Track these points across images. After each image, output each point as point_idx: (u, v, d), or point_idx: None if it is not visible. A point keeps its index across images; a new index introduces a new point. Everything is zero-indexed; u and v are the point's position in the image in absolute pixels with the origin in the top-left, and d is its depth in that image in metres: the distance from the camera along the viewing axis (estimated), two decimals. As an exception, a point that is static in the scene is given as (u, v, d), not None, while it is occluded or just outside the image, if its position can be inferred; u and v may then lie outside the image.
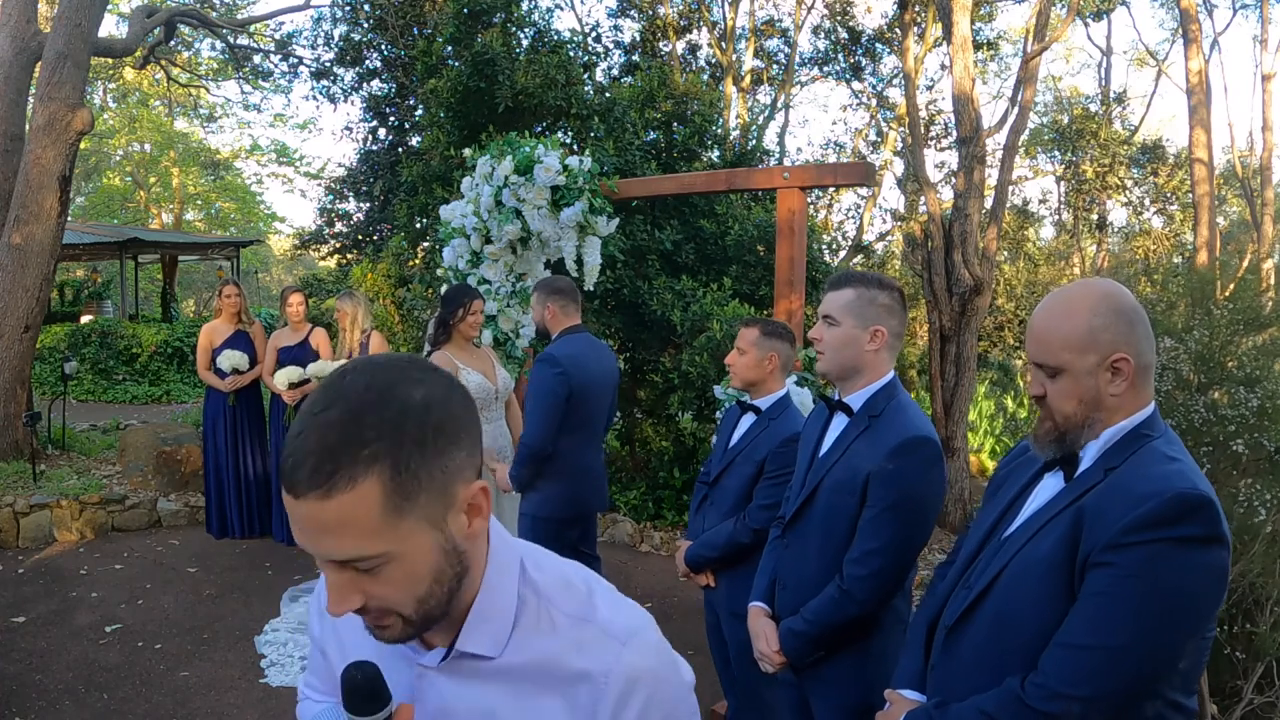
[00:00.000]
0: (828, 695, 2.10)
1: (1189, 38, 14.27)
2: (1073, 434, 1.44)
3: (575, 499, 3.59)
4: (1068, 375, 1.42)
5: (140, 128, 25.04)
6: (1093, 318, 1.40)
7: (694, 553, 2.86)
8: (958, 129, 7.31)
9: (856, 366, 2.07)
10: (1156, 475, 1.32)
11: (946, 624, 1.53)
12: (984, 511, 1.67)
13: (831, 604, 2.01)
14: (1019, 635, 1.39)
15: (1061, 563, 1.35)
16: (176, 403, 12.05)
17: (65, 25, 6.98)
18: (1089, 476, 1.41)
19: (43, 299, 7.00)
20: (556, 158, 4.22)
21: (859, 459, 2.00)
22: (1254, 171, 18.29)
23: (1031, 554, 1.40)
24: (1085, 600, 1.31)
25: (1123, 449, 1.39)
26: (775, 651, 2.12)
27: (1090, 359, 1.40)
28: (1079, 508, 1.37)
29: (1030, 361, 1.49)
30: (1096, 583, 1.29)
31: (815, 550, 2.08)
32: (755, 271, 6.30)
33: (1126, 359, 1.39)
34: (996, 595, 1.44)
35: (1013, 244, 17.14)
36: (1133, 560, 1.26)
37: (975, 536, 1.61)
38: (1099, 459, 1.42)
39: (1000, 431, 10.71)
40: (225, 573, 5.19)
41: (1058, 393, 1.44)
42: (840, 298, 2.07)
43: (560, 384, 3.37)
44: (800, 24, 17.68)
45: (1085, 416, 1.42)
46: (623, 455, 7.15)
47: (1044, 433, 1.47)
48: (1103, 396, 1.41)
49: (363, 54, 12.82)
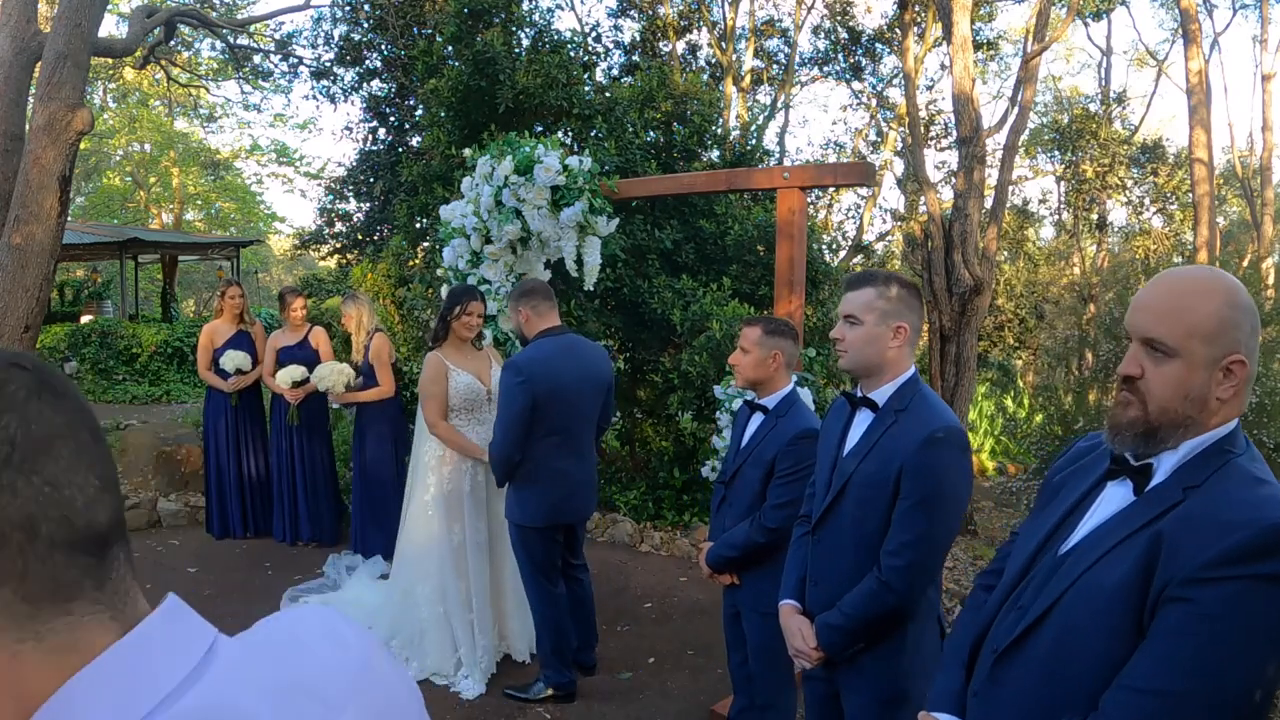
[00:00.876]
0: (862, 687, 2.12)
1: (1189, 38, 14.27)
2: (1164, 431, 1.27)
3: (553, 507, 3.51)
4: (1182, 362, 1.25)
5: (140, 128, 25.03)
6: (1227, 308, 1.24)
7: (716, 553, 2.89)
8: (958, 129, 7.31)
9: (880, 364, 2.10)
10: (1246, 501, 1.18)
11: (995, 648, 1.40)
12: (1035, 519, 1.52)
13: (870, 596, 2.04)
14: (1077, 671, 1.25)
15: (1132, 594, 1.21)
16: (176, 403, 12.04)
17: (65, 25, 6.98)
18: (1164, 494, 1.26)
19: (43, 299, 6.99)
20: (556, 158, 4.22)
21: (890, 453, 2.03)
22: (1254, 171, 18.30)
23: (1098, 580, 1.26)
24: (1157, 639, 1.17)
25: (1203, 465, 1.25)
26: (813, 648, 2.13)
27: (1213, 351, 1.24)
28: (1156, 532, 1.22)
29: (1135, 335, 1.30)
30: (1171, 620, 1.16)
31: (849, 545, 2.10)
32: (755, 271, 6.30)
33: (1243, 362, 1.25)
34: (1055, 622, 1.30)
35: (1013, 244, 17.13)
36: (1215, 598, 1.13)
37: (1025, 547, 1.47)
38: (1175, 474, 1.27)
39: (1000, 432, 10.71)
40: (225, 573, 5.19)
41: (1163, 378, 1.26)
42: (861, 297, 2.10)
43: (522, 392, 3.31)
44: (800, 24, 17.69)
45: (1184, 415, 1.26)
46: (623, 455, 7.16)
47: (1127, 421, 1.30)
48: (1209, 397, 1.25)
49: (363, 54, 12.81)
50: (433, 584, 3.87)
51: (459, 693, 3.71)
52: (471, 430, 3.89)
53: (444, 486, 3.87)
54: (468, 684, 3.73)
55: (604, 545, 5.98)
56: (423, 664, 3.84)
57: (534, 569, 3.59)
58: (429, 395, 3.81)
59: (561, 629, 3.66)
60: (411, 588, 3.93)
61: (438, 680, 3.81)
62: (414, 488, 4.01)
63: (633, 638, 4.43)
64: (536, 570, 3.59)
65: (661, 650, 4.26)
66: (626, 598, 4.98)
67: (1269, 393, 4.38)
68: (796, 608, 2.25)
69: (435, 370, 3.82)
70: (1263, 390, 4.41)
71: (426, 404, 3.83)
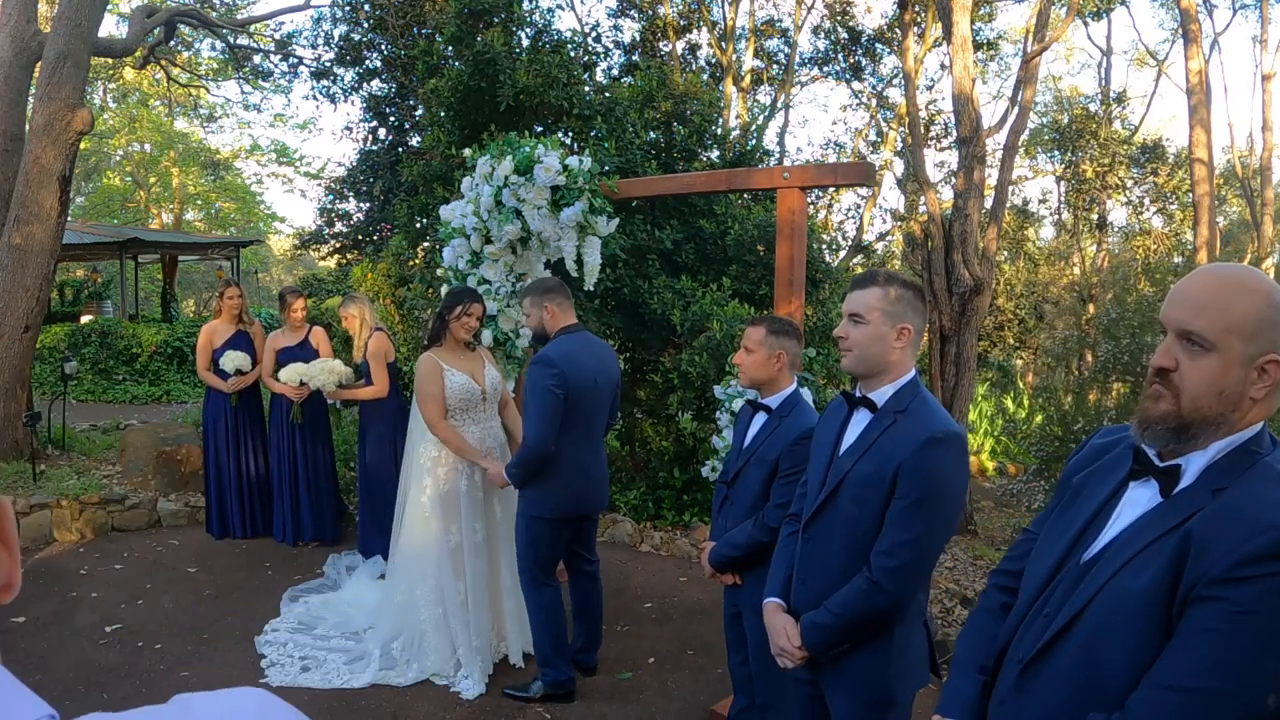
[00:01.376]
0: (847, 689, 2.11)
1: (1189, 38, 14.28)
2: (1195, 427, 1.26)
3: (570, 499, 3.59)
4: (1219, 356, 1.23)
5: (140, 128, 25.03)
6: (1267, 307, 1.22)
7: (718, 553, 2.89)
8: (958, 129, 7.31)
9: (883, 364, 2.09)
10: (1277, 501, 1.17)
11: (1022, 657, 1.39)
12: (1055, 522, 1.50)
13: (860, 596, 2.02)
14: (1108, 678, 1.25)
15: (1161, 597, 1.21)
16: (176, 403, 12.05)
17: (65, 25, 6.98)
18: (1193, 496, 1.25)
19: (43, 299, 7.00)
20: (556, 158, 4.22)
21: (887, 454, 2.02)
22: (1254, 171, 18.30)
23: (1127, 585, 1.25)
24: (1186, 637, 1.17)
25: (1231, 467, 1.24)
26: (797, 646, 2.12)
27: (1251, 349, 1.22)
28: (1184, 533, 1.21)
29: (1171, 327, 1.28)
30: (1202, 619, 1.15)
31: (839, 545, 2.09)
32: (755, 271, 6.30)
33: (1278, 363, 1.23)
34: (1083, 629, 1.30)
35: (1013, 244, 17.14)
36: (1247, 596, 1.12)
37: (1048, 553, 1.45)
38: (1203, 475, 1.26)
39: (1000, 432, 10.71)
40: (225, 573, 5.19)
41: (1198, 372, 1.24)
42: (867, 297, 2.08)
43: (557, 385, 3.39)
44: (800, 24, 17.69)
45: (1217, 412, 1.24)
46: (623, 455, 7.15)
47: (1158, 415, 1.28)
48: (1243, 395, 1.23)
49: (363, 54, 12.81)
50: (431, 585, 3.87)
51: (459, 693, 3.71)
52: (467, 430, 3.89)
53: (440, 487, 3.87)
54: (467, 684, 3.74)
55: (604, 545, 5.98)
56: (423, 665, 3.84)
57: (535, 564, 3.61)
58: (427, 396, 3.81)
59: (559, 626, 3.66)
60: (411, 589, 3.93)
61: (438, 681, 3.81)
62: (408, 488, 4.01)
63: (633, 638, 4.43)
64: (537, 566, 3.61)
65: (661, 650, 4.26)
66: (626, 598, 4.98)
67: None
68: (781, 606, 2.24)
69: (430, 371, 3.82)
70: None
71: (426, 405, 3.83)
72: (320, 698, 3.65)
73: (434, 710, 3.59)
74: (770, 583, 2.31)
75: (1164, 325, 1.30)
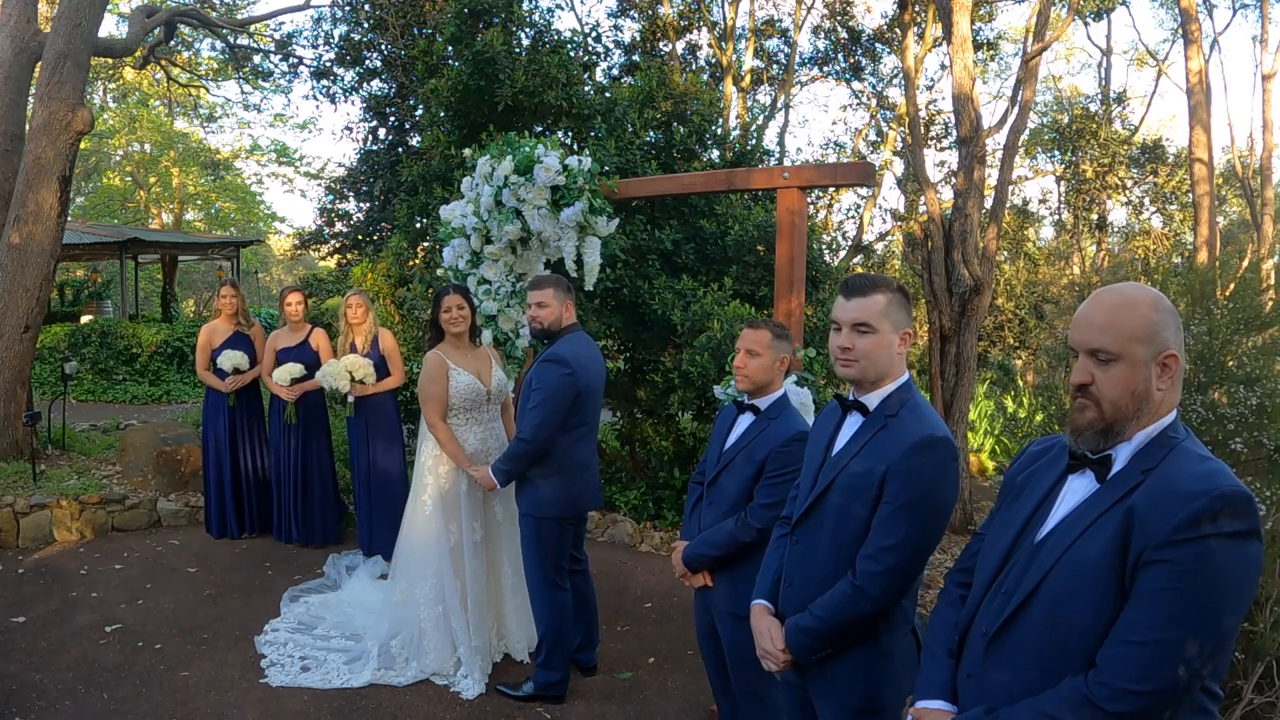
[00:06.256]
0: (833, 695, 2.09)
1: (1189, 38, 14.27)
2: (1119, 425, 1.47)
3: (574, 497, 3.62)
4: (1125, 363, 1.45)
5: (140, 128, 25.03)
6: (1153, 312, 1.46)
7: (693, 551, 2.83)
8: (958, 129, 7.30)
9: (888, 370, 2.07)
10: (1199, 474, 1.38)
11: (986, 632, 1.55)
12: (1002, 516, 1.68)
13: (844, 600, 2.00)
14: (1075, 637, 1.42)
15: (1113, 563, 1.40)
16: (176, 403, 12.05)
17: (65, 25, 6.98)
18: (1127, 477, 1.46)
19: (43, 299, 7.00)
20: (556, 158, 4.22)
21: (876, 457, 2.00)
22: (1254, 171, 18.28)
23: (1080, 555, 1.44)
24: (1143, 597, 1.35)
25: (1155, 450, 1.45)
26: (781, 650, 2.10)
27: (1149, 350, 1.45)
28: (1128, 507, 1.41)
29: (1081, 349, 1.50)
30: (1153, 580, 1.34)
31: (826, 548, 2.07)
32: (755, 271, 6.29)
33: (1176, 357, 1.46)
34: (1044, 598, 1.47)
35: (1013, 244, 17.13)
36: (1187, 556, 1.32)
37: (1000, 541, 1.62)
38: (1133, 460, 1.47)
39: (1000, 431, 10.70)
40: (225, 573, 5.19)
41: (1110, 380, 1.46)
42: (875, 304, 2.04)
43: (569, 384, 3.44)
44: (800, 24, 17.69)
45: (1134, 409, 1.46)
46: (623, 455, 7.15)
47: (1086, 423, 1.49)
48: (1151, 390, 1.46)
49: (363, 54, 12.82)
50: (431, 584, 3.87)
51: (459, 692, 3.71)
52: (471, 430, 3.89)
53: (441, 486, 3.88)
54: (467, 684, 3.74)
55: (604, 545, 5.98)
56: (422, 664, 3.84)
57: (545, 566, 3.61)
58: (429, 396, 3.82)
59: (564, 631, 3.67)
60: (411, 588, 3.93)
61: (438, 680, 3.81)
62: (415, 488, 4.02)
63: (633, 638, 4.43)
64: (547, 567, 3.61)
65: (661, 650, 4.26)
66: (626, 598, 4.98)
67: (1269, 394, 4.38)
68: (769, 609, 2.22)
69: (436, 369, 3.83)
70: (1263, 392, 4.41)
71: (426, 405, 3.84)
72: (320, 697, 3.65)
73: (434, 710, 3.60)
74: (759, 584, 2.28)
75: (1074, 348, 1.52)
